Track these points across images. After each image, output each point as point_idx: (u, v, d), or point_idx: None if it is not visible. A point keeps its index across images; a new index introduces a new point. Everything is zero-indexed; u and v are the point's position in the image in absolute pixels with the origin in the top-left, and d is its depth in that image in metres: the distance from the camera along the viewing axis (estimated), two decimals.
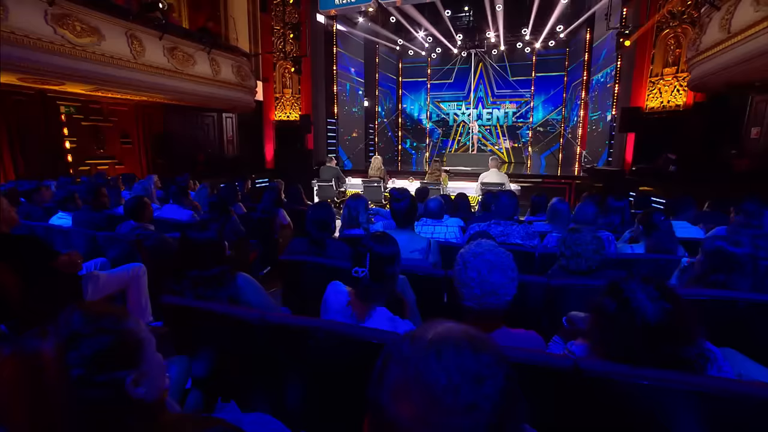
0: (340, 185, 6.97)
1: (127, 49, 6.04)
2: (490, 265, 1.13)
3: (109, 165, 7.28)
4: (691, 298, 1.53)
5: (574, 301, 1.97)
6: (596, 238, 1.92)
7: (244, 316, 1.28)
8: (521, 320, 2.02)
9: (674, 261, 2.43)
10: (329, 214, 2.40)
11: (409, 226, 2.41)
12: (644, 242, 2.62)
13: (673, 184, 6.84)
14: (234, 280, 1.60)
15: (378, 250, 1.34)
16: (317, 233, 2.37)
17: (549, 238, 2.80)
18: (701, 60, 5.99)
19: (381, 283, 1.33)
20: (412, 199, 2.40)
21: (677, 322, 0.87)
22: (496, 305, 1.11)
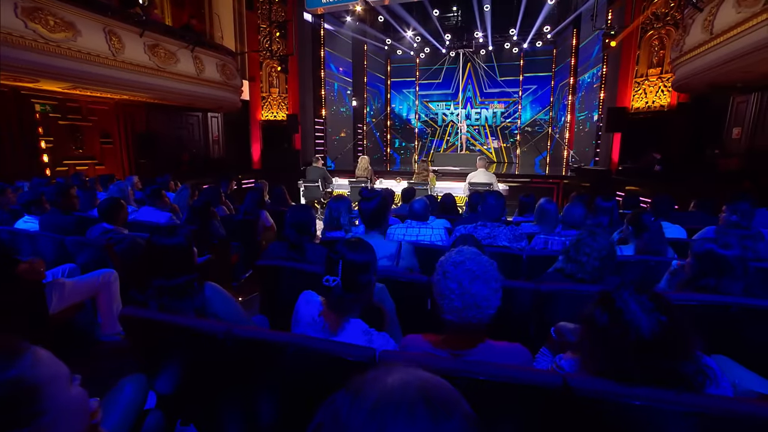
0: (326, 186, 6.86)
1: (105, 45, 5.83)
2: (471, 276, 1.04)
3: (89, 165, 7.05)
4: (682, 302, 1.48)
5: (564, 308, 1.91)
6: (610, 248, 1.84)
7: (210, 330, 1.18)
8: (508, 327, 1.95)
9: (664, 263, 2.40)
10: (309, 217, 2.30)
11: (377, 228, 2.27)
12: (633, 243, 2.59)
13: (658, 184, 6.92)
14: (201, 291, 1.49)
15: (351, 257, 1.25)
16: (296, 237, 2.27)
17: (537, 240, 2.75)
18: (685, 61, 6.04)
19: (355, 293, 1.24)
20: (382, 200, 2.26)
21: (673, 336, 0.80)
22: (479, 319, 1.03)
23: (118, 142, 7.49)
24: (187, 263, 1.49)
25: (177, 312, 1.36)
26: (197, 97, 7.76)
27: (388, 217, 2.31)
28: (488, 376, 0.88)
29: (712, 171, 6.24)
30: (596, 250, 1.85)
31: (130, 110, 7.58)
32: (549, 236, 2.70)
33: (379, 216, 2.24)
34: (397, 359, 1.00)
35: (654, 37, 7.86)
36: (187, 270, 1.47)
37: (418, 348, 1.10)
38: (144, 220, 3.68)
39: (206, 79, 7.75)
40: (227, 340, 1.18)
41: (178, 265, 1.45)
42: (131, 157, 7.66)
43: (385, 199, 2.24)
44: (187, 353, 1.28)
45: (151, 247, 1.44)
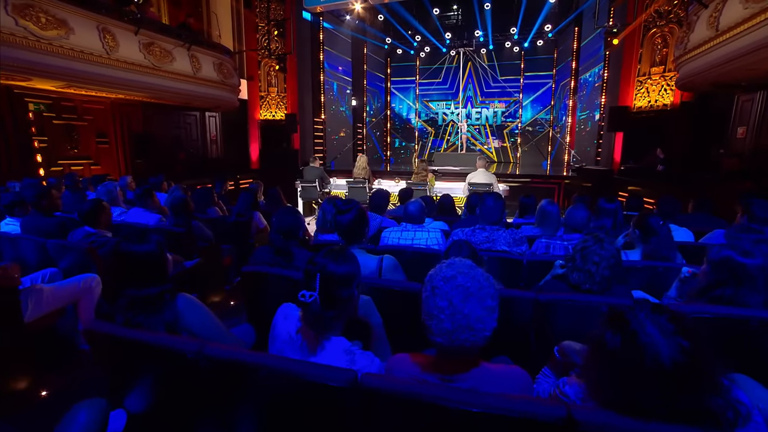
0: (324, 186, 6.76)
1: (99, 43, 5.74)
2: (464, 293, 0.93)
3: (84, 165, 6.95)
4: (695, 314, 1.37)
5: (568, 319, 1.81)
6: (617, 255, 1.73)
7: (179, 348, 1.07)
8: (507, 340, 1.84)
9: (673, 269, 2.28)
10: (296, 220, 2.20)
11: (355, 243, 2.11)
12: (640, 248, 2.47)
13: (661, 184, 6.81)
14: (173, 303, 1.38)
15: (331, 269, 1.13)
16: (282, 242, 2.17)
17: (538, 243, 2.64)
18: (689, 58, 5.93)
19: (335, 309, 1.13)
20: (359, 212, 2.10)
21: (698, 364, 0.69)
22: (472, 342, 0.92)
23: (114, 141, 7.39)
24: (159, 272, 1.38)
25: (145, 326, 1.26)
26: (194, 96, 7.66)
27: (367, 230, 2.18)
28: (483, 407, 0.78)
29: (717, 171, 6.12)
30: (605, 258, 1.74)
31: (127, 110, 7.49)
32: (551, 240, 2.59)
33: (356, 229, 2.09)
34: (381, 385, 0.90)
35: (657, 35, 7.75)
36: (159, 280, 1.36)
37: (405, 371, 0.99)
38: (133, 222, 3.58)
39: (203, 78, 7.65)
40: (198, 360, 1.07)
41: (149, 274, 1.35)
42: (127, 156, 7.56)
43: (361, 210, 2.12)
44: (156, 372, 1.17)
45: (118, 255, 1.33)
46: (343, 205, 2.11)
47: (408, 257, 2.73)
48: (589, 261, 1.78)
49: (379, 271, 2.07)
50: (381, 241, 2.98)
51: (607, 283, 1.78)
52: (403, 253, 2.73)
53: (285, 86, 10.05)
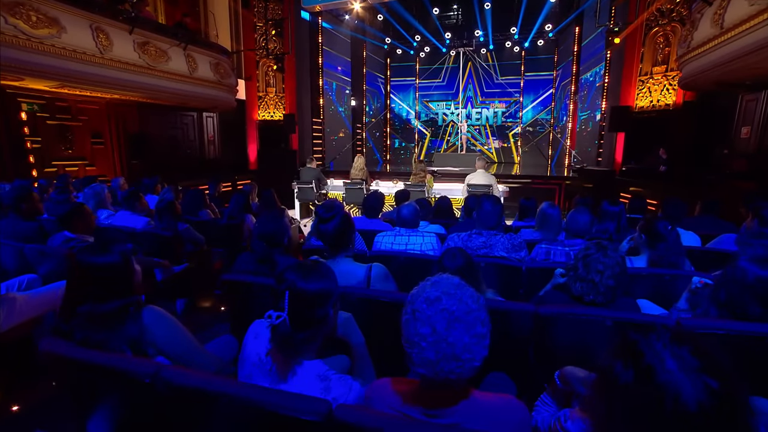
0: (321, 187, 6.65)
1: (92, 42, 5.64)
2: (449, 318, 0.82)
3: (79, 166, 6.87)
4: (708, 330, 1.26)
5: (568, 332, 1.70)
6: (623, 263, 1.62)
7: (135, 371, 0.97)
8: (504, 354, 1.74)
9: (681, 277, 2.18)
10: (280, 226, 2.09)
11: (342, 252, 2.00)
12: (646, 254, 2.36)
13: (663, 185, 6.70)
14: (138, 317, 1.28)
15: (302, 286, 1.02)
16: (265, 249, 2.06)
17: (538, 249, 2.53)
18: (692, 57, 5.82)
19: (308, 330, 1.03)
20: (343, 218, 1.98)
21: (729, 409, 0.58)
22: (458, 374, 0.80)
23: (110, 142, 7.31)
24: (123, 285, 1.28)
25: (104, 344, 1.15)
26: (190, 96, 7.57)
27: (354, 236, 2.07)
28: None
29: (721, 171, 6.01)
30: (609, 267, 1.63)
31: (122, 110, 7.41)
32: (551, 246, 2.48)
33: (342, 237, 1.97)
34: (357, 420, 0.79)
35: (659, 34, 7.63)
36: (122, 293, 1.26)
37: (386, 401, 0.89)
38: (119, 226, 3.49)
39: (199, 78, 7.55)
40: (156, 384, 0.97)
41: (111, 287, 1.24)
42: (123, 157, 7.48)
43: (345, 217, 2.00)
44: (113, 397, 1.07)
45: (77, 267, 1.23)
46: (325, 212, 1.99)
47: (401, 263, 2.63)
48: (592, 270, 1.67)
49: (367, 280, 1.96)
50: (374, 245, 2.88)
51: (612, 294, 1.67)
52: (396, 259, 2.63)
53: (283, 86, 9.96)
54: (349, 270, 2.01)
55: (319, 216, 2.06)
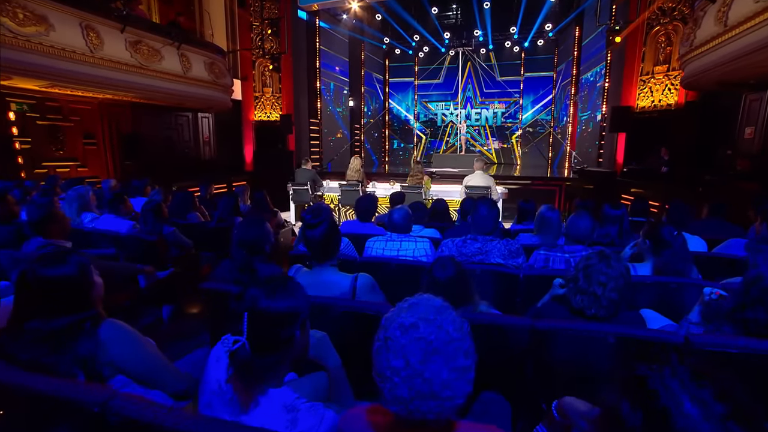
0: (316, 189, 6.53)
1: (81, 41, 5.53)
2: (426, 348, 0.70)
3: (71, 168, 6.75)
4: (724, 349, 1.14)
5: (568, 348, 1.59)
6: (627, 274, 1.52)
7: (81, 399, 0.85)
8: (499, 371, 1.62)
9: (689, 286, 2.06)
10: (261, 233, 1.98)
11: (329, 260, 1.90)
12: (651, 261, 2.24)
13: (665, 186, 6.58)
14: (94, 334, 1.16)
15: (265, 305, 0.91)
16: (244, 258, 1.95)
17: (536, 256, 2.41)
18: (695, 56, 5.70)
19: (272, 355, 0.91)
20: (330, 224, 1.86)
21: None
22: (437, 413, 0.69)
23: (102, 143, 7.19)
24: (78, 299, 1.16)
25: (53, 366, 1.03)
26: (185, 96, 7.46)
27: (339, 245, 1.96)
28: None
29: (724, 172, 5.88)
30: (613, 278, 1.51)
31: (115, 110, 7.29)
32: (550, 252, 2.36)
33: (328, 244, 1.86)
34: None
35: (660, 33, 7.51)
36: (77, 307, 1.14)
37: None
38: (103, 230, 3.37)
39: (193, 78, 7.44)
40: (104, 414, 0.85)
41: (64, 302, 1.12)
42: (116, 158, 7.36)
43: (333, 223, 1.89)
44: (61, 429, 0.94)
45: (26, 280, 1.11)
46: (312, 217, 1.87)
47: (392, 270, 2.51)
48: (594, 281, 1.55)
49: (352, 291, 1.84)
50: (365, 251, 2.76)
51: (615, 308, 1.55)
52: (387, 266, 2.51)
53: (280, 86, 9.85)
54: (333, 280, 1.89)
55: (306, 221, 1.94)
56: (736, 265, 2.51)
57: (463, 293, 1.72)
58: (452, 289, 1.71)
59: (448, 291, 1.74)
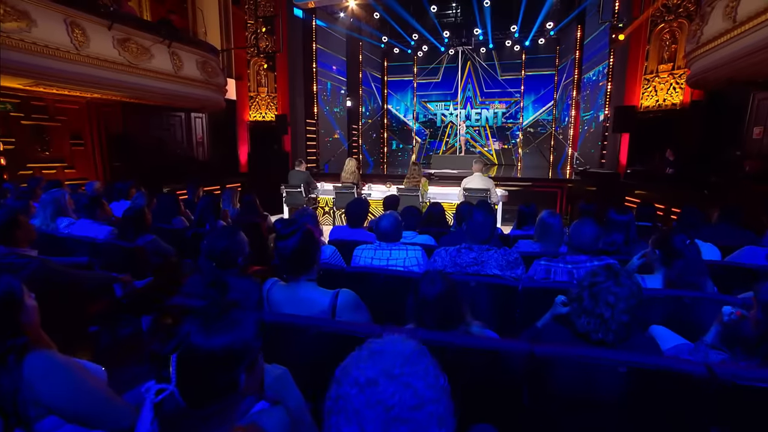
0: (310, 191, 6.34)
1: (66, 38, 5.34)
2: (386, 416, 0.53)
3: (58, 169, 6.56)
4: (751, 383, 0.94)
5: (571, 377, 1.39)
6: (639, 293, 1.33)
7: None
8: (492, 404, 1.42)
9: (704, 300, 1.87)
10: (233, 243, 1.78)
11: (304, 275, 1.70)
12: (662, 272, 2.05)
13: (671, 188, 6.39)
14: (16, 368, 0.97)
15: (200, 342, 0.73)
16: (213, 271, 1.76)
17: (536, 266, 2.21)
18: (702, 53, 5.50)
19: (209, 406, 0.72)
20: (305, 235, 1.65)
21: None
22: None
23: (91, 143, 7.01)
24: (8, 324, 0.99)
25: None
26: (176, 96, 7.27)
27: (318, 255, 1.76)
28: None
29: (733, 174, 5.68)
30: (623, 299, 1.31)
31: (105, 110, 7.11)
32: (552, 263, 2.16)
33: (303, 257, 1.66)
34: None
35: (665, 30, 7.31)
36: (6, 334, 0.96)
37: None
38: (79, 236, 3.18)
39: (185, 77, 7.25)
40: None
41: None
42: (105, 159, 7.18)
43: (308, 233, 1.68)
44: None
45: None
46: (284, 227, 1.68)
47: (381, 282, 2.31)
48: (602, 302, 1.35)
49: (332, 310, 1.65)
50: (353, 260, 2.57)
51: (626, 332, 1.35)
52: (376, 277, 2.32)
53: (275, 86, 9.66)
54: (311, 297, 1.70)
55: (277, 232, 1.75)
56: (754, 276, 2.32)
57: (454, 312, 1.53)
58: (441, 308, 1.52)
59: (436, 310, 1.55)
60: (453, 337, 1.50)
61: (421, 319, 1.54)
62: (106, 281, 2.85)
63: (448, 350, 1.46)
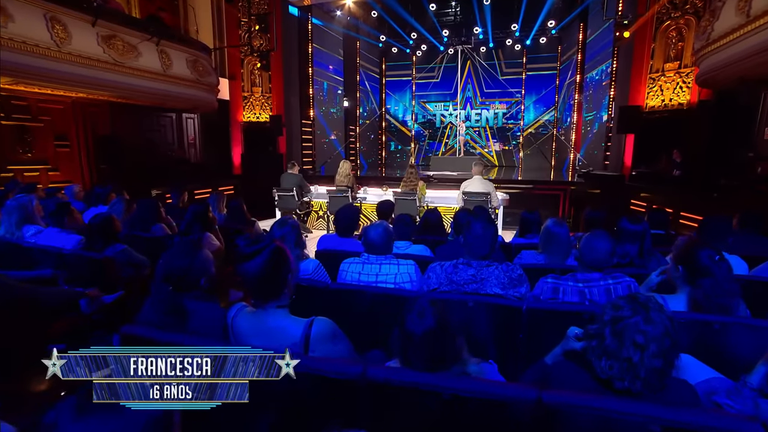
0: (303, 195, 6.08)
1: (46, 34, 5.10)
2: None
3: (41, 171, 6.32)
4: None
5: None
6: (674, 332, 1.09)
7: None
8: None
9: (736, 326, 1.62)
10: (193, 262, 1.53)
11: (273, 300, 1.45)
12: (686, 292, 1.79)
13: (678, 191, 6.16)
14: None
15: None
16: (169, 297, 1.50)
17: (542, 285, 1.95)
18: (712, 51, 5.26)
19: None
20: (274, 254, 1.42)
21: None
22: None
23: (77, 145, 6.76)
24: None
25: None
26: (166, 95, 7.03)
27: (291, 279, 1.50)
28: None
29: (744, 176, 5.43)
30: (655, 339, 1.06)
31: (92, 110, 6.86)
32: (560, 281, 1.91)
33: (272, 280, 1.41)
34: None
35: (671, 27, 7.06)
36: None
37: None
38: (45, 246, 2.93)
39: (174, 76, 7.01)
40: None
41: None
42: (92, 161, 6.93)
43: (276, 252, 1.43)
44: None
45: None
46: (248, 244, 1.43)
47: (369, 302, 2.06)
48: (628, 342, 1.09)
49: (304, 342, 1.39)
50: (338, 275, 2.31)
51: (658, 380, 1.09)
52: (362, 295, 2.07)
53: (270, 86, 9.41)
54: (280, 327, 1.44)
55: (239, 250, 1.49)
56: None
57: (447, 350, 1.28)
58: (431, 346, 1.27)
59: (425, 348, 1.30)
60: (444, 380, 1.24)
61: (407, 357, 1.28)
62: (69, 297, 2.60)
63: (438, 397, 1.21)
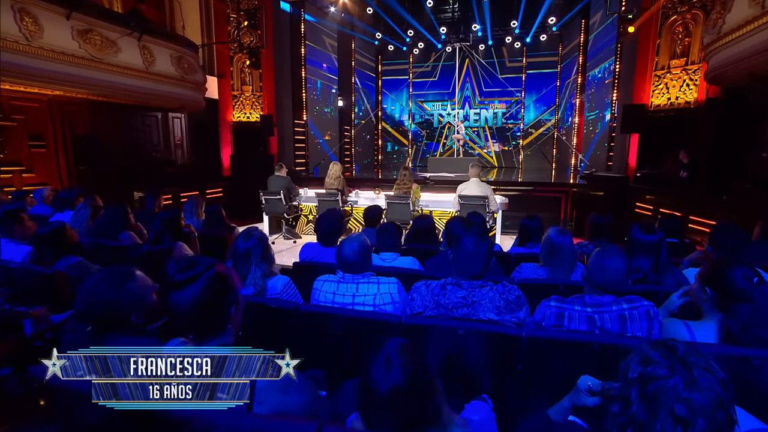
0: (291, 198, 5.77)
1: (14, 26, 4.79)
2: None
3: (14, 173, 5.99)
4: None
5: None
6: (726, 399, 0.76)
7: None
8: None
9: None
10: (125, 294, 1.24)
11: (212, 338, 1.15)
12: (716, 320, 1.49)
13: (686, 193, 5.87)
14: None
15: None
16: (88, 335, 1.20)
17: (545, 309, 1.64)
18: (723, 45, 4.96)
19: None
20: (213, 282, 1.12)
21: None
22: None
23: (54, 145, 6.43)
24: None
25: None
26: (149, 94, 6.72)
27: (234, 311, 1.20)
28: None
29: (757, 178, 5.14)
30: (703, 410, 0.74)
31: (69, 109, 6.53)
32: (566, 305, 1.60)
33: (210, 315, 1.13)
34: None
35: (677, 22, 6.76)
36: None
37: None
38: None
39: (157, 74, 6.70)
40: None
41: None
42: (70, 163, 6.61)
43: (216, 279, 1.13)
44: None
45: None
46: (181, 270, 1.12)
47: (343, 326, 1.76)
48: (664, 413, 0.76)
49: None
50: (311, 296, 2.01)
51: None
52: (335, 320, 1.77)
53: (260, 84, 9.09)
54: None
55: (170, 278, 1.18)
56: None
57: (421, 413, 0.98)
58: (401, 407, 0.97)
59: (393, 410, 1.00)
60: None
61: (369, 417, 0.98)
62: (9, 317, 2.28)
63: None
